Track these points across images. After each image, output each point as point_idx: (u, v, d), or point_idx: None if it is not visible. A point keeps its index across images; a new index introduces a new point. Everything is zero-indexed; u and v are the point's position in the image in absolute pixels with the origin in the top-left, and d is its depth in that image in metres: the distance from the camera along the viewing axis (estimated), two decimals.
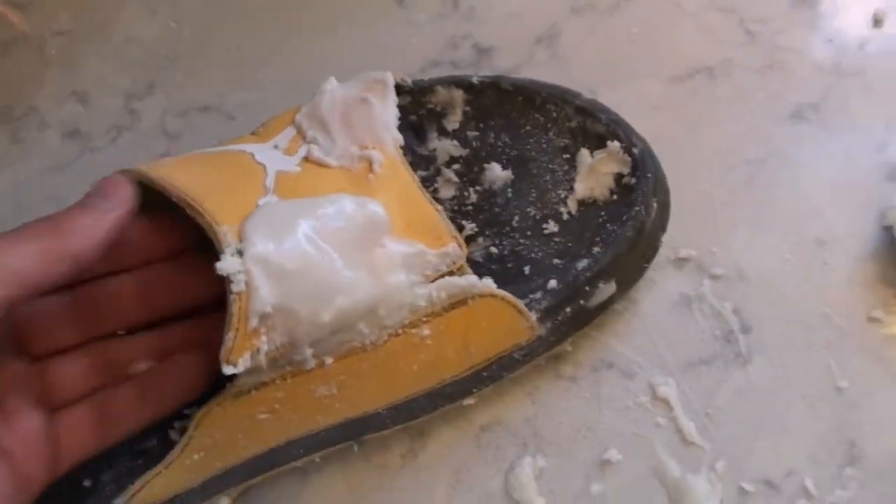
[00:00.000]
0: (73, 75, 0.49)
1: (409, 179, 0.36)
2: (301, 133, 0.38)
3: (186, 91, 0.48)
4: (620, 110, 0.42)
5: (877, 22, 0.42)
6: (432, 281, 0.35)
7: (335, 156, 0.37)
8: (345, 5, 0.48)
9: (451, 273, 0.35)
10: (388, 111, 0.38)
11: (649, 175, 0.38)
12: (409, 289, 0.34)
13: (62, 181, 0.46)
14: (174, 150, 0.46)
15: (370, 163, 0.36)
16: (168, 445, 0.34)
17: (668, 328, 0.39)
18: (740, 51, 0.43)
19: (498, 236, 0.39)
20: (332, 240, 0.33)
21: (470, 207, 0.40)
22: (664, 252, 0.40)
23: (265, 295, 0.31)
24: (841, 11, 0.43)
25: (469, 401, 0.38)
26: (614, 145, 0.39)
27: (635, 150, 0.38)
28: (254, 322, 0.31)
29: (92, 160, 0.47)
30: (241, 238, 0.32)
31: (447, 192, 0.40)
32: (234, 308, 0.31)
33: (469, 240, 0.39)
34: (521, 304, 0.36)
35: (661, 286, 0.39)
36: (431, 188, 0.40)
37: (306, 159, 0.37)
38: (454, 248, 0.35)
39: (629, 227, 0.37)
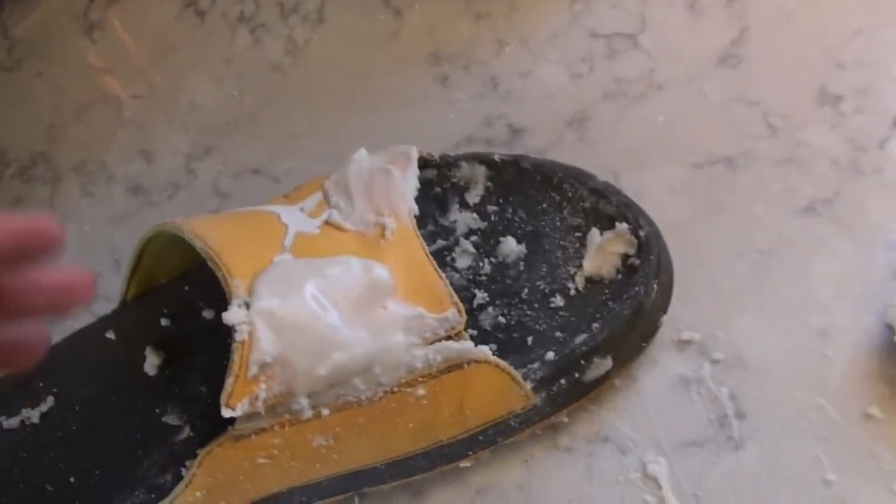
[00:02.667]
0: (141, 136, 0.54)
1: (418, 247, 0.39)
2: (327, 198, 0.41)
3: (240, 155, 0.52)
4: (641, 193, 0.44)
5: None
6: (430, 344, 0.37)
7: (353, 221, 0.39)
8: (392, 84, 0.52)
9: (449, 338, 0.37)
10: (407, 182, 0.41)
11: (652, 257, 0.39)
12: (407, 349, 0.36)
13: (120, 233, 0.50)
14: (224, 209, 0.50)
15: (383, 229, 0.39)
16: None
17: (665, 408, 0.39)
18: (761, 143, 0.44)
19: (507, 307, 0.41)
20: (335, 298, 0.36)
21: (484, 278, 0.42)
22: (668, 333, 0.41)
23: (266, 346, 0.34)
24: (863, 111, 0.43)
25: (465, 463, 0.40)
26: (622, 227, 0.40)
27: (642, 233, 0.40)
28: (254, 370, 0.34)
29: (150, 214, 0.51)
30: (250, 292, 0.35)
31: (464, 261, 0.42)
32: (237, 356, 0.34)
33: (480, 308, 0.41)
34: (515, 372, 0.37)
35: (662, 366, 0.40)
36: (449, 257, 0.42)
37: (326, 222, 0.40)
38: (453, 314, 0.37)
39: (627, 306, 0.39)
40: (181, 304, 0.43)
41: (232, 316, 0.34)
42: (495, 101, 0.49)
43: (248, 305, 0.35)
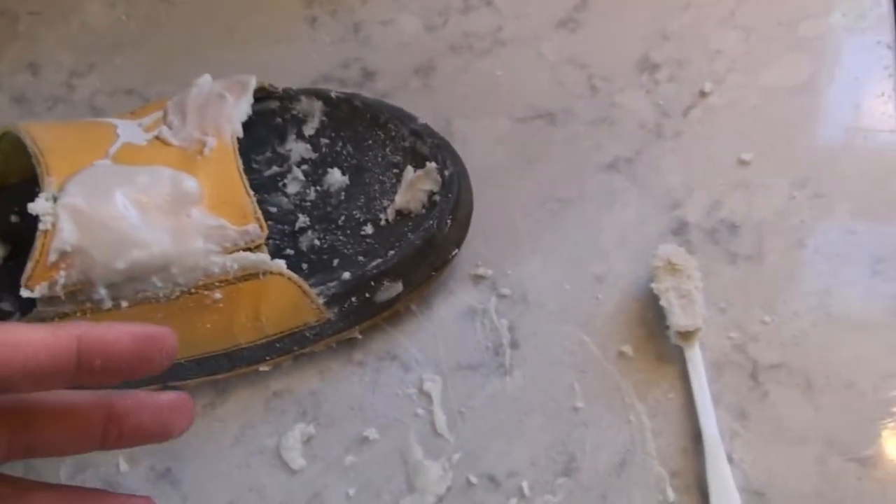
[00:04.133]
0: (31, 49, 0.57)
1: (232, 165, 0.42)
2: (165, 116, 0.44)
3: (119, 75, 0.55)
4: (468, 140, 0.47)
5: (702, 94, 0.46)
6: (230, 253, 0.40)
7: (180, 137, 0.43)
8: (266, 22, 0.55)
9: (248, 249, 0.41)
10: (238, 108, 0.44)
11: (450, 195, 0.43)
12: (205, 255, 0.40)
13: None
14: None
15: (203, 146, 0.42)
16: None
17: (451, 334, 0.43)
18: (581, 102, 0.47)
19: (324, 231, 0.44)
20: (141, 202, 0.39)
21: (308, 204, 0.45)
22: (466, 266, 0.44)
23: (67, 236, 0.37)
24: (675, 79, 0.47)
25: (265, 367, 0.43)
26: (431, 166, 0.43)
27: (446, 172, 0.43)
28: (53, 257, 0.37)
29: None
30: (61, 188, 0.39)
31: (293, 187, 0.46)
32: (38, 243, 0.37)
33: (301, 231, 0.44)
34: (306, 285, 0.41)
35: (456, 296, 0.44)
36: (281, 182, 0.46)
37: (157, 137, 0.43)
38: (254, 228, 0.41)
39: (420, 237, 0.42)
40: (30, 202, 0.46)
41: (37, 206, 0.38)
42: (355, 45, 0.52)
43: (55, 199, 0.38)
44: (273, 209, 0.45)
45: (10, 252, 0.46)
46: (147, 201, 0.39)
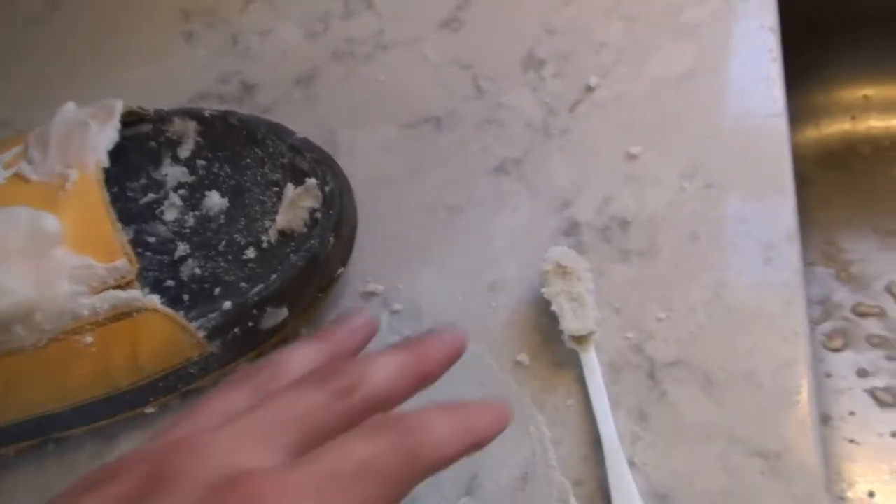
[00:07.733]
0: None
1: (97, 199, 0.40)
2: (25, 150, 0.42)
3: None
4: (354, 150, 0.45)
5: (589, 88, 0.44)
6: (98, 293, 0.38)
7: (40, 172, 0.40)
8: (142, 39, 0.52)
9: (118, 287, 0.39)
10: (103, 135, 0.42)
11: (332, 212, 0.41)
12: (72, 298, 0.37)
13: None
14: None
15: (65, 180, 0.40)
16: None
17: None
18: (467, 104, 0.46)
19: (205, 259, 0.42)
20: None
21: (188, 230, 0.43)
22: (356, 284, 0.43)
23: None
24: (561, 75, 0.45)
25: (150, 409, 0.41)
26: (311, 182, 0.42)
27: (327, 188, 0.41)
28: None
29: None
30: None
31: (171, 214, 0.44)
32: None
33: (181, 260, 0.42)
34: (183, 319, 0.39)
35: None
36: (159, 210, 0.44)
37: (16, 174, 0.41)
38: (123, 263, 0.39)
39: (301, 258, 0.40)
40: None
41: None
42: (233, 58, 0.50)
43: None
44: (151, 239, 0.43)
45: None
46: (3, 246, 0.37)
